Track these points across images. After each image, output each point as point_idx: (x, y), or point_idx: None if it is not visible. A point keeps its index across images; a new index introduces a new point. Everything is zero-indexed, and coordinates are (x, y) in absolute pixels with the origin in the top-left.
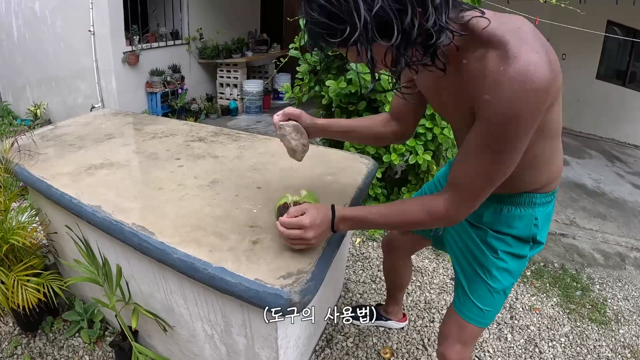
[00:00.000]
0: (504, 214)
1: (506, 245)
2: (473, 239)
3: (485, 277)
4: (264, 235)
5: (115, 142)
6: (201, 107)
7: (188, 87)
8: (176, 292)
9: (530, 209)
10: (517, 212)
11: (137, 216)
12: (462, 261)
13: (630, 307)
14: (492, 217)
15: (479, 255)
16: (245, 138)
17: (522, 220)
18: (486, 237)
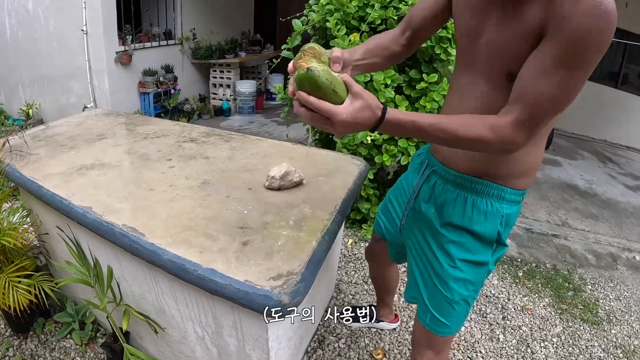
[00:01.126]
0: (468, 206)
1: (465, 251)
2: (430, 246)
3: (443, 290)
4: (254, 236)
5: (107, 142)
6: (194, 108)
7: (181, 87)
8: (167, 294)
9: (497, 204)
10: (483, 205)
11: (127, 217)
12: (422, 270)
13: (622, 307)
14: (454, 208)
15: (436, 265)
16: (237, 139)
17: (487, 216)
18: (444, 242)
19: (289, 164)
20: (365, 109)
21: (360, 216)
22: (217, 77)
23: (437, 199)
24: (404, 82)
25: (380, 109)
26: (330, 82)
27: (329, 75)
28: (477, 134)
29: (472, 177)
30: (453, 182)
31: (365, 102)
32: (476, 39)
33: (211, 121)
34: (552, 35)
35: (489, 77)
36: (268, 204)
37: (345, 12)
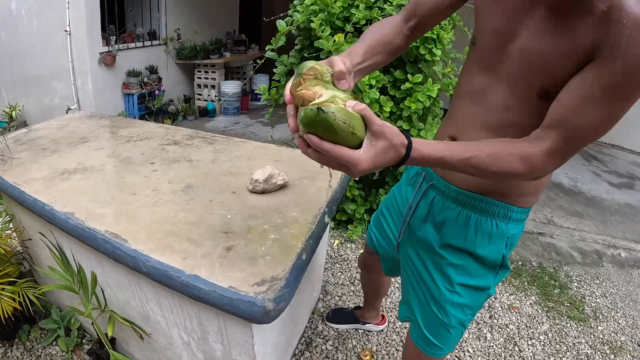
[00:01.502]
0: (471, 226)
1: (465, 275)
2: (427, 268)
3: (439, 314)
4: (238, 241)
5: (90, 145)
6: (179, 109)
7: (165, 88)
8: (151, 300)
9: (503, 224)
10: (488, 226)
11: (110, 222)
12: (418, 292)
13: (609, 303)
14: (455, 228)
15: (433, 288)
16: (220, 141)
17: (492, 238)
18: (442, 265)
19: (272, 166)
20: (389, 150)
21: (346, 217)
22: (202, 78)
23: (435, 216)
24: (388, 82)
25: (404, 146)
26: (347, 124)
27: (345, 116)
28: (510, 167)
29: (476, 195)
30: (454, 199)
31: (388, 142)
32: (504, 42)
33: (196, 122)
34: (605, 61)
35: (516, 89)
36: (252, 208)
37: (329, 13)
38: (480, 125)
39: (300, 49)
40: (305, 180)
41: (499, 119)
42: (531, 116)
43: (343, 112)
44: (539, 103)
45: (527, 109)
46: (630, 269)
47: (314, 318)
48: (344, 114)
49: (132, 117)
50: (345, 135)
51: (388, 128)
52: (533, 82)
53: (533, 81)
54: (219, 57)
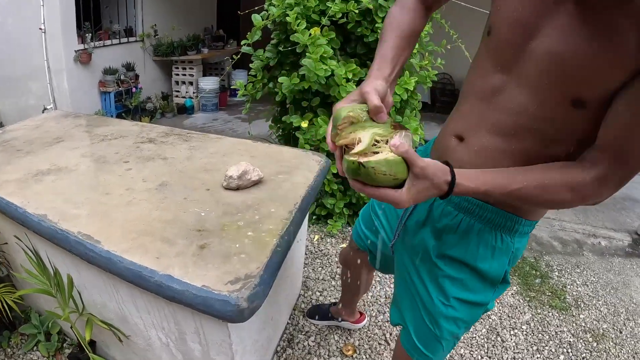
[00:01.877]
0: (473, 237)
1: (463, 289)
2: (421, 277)
3: (431, 326)
4: (212, 239)
5: (64, 145)
6: (156, 106)
7: (143, 85)
8: (128, 301)
9: (508, 238)
10: (492, 239)
11: (83, 223)
12: (410, 300)
13: (590, 292)
14: (455, 238)
15: (426, 299)
16: (196, 138)
17: (495, 252)
18: (438, 275)
19: (247, 162)
20: (430, 188)
21: (325, 212)
22: (180, 75)
23: (435, 222)
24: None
25: (447, 183)
26: (388, 174)
27: (385, 166)
28: (559, 199)
29: (483, 203)
30: (457, 205)
31: (429, 182)
32: (525, 39)
33: (174, 119)
34: None
35: (544, 95)
36: (226, 205)
37: (305, 7)
38: (491, 127)
39: (276, 43)
40: (280, 175)
41: (514, 123)
42: (558, 125)
43: (383, 163)
44: (571, 112)
45: (554, 117)
46: (610, 257)
47: (295, 314)
48: (385, 164)
49: (110, 116)
50: (387, 182)
51: (430, 169)
52: (568, 90)
53: (567, 89)
54: (197, 53)
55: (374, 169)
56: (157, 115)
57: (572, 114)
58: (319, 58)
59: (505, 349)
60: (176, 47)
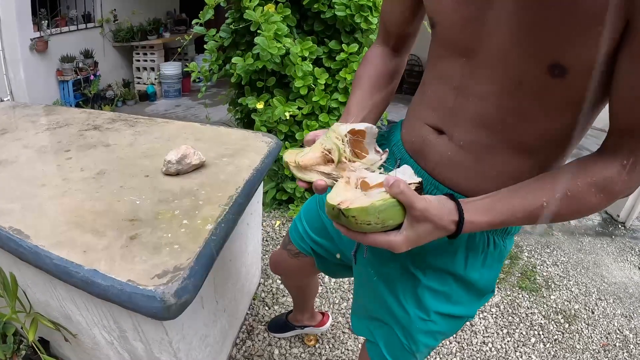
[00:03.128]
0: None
1: (446, 302)
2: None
3: (406, 341)
4: (143, 229)
5: (7, 137)
6: (117, 94)
7: (103, 72)
8: (67, 299)
9: (501, 240)
10: (483, 244)
11: (16, 218)
12: (379, 315)
13: (560, 272)
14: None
15: (400, 315)
16: (143, 123)
17: (487, 259)
18: (417, 287)
19: (188, 145)
20: (434, 231)
21: (286, 196)
22: (141, 60)
23: None
24: (323, 54)
25: (455, 223)
26: (374, 223)
27: (372, 215)
28: (588, 206)
29: None
30: None
31: (433, 225)
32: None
33: (136, 107)
34: None
35: (513, 70)
36: (163, 192)
37: None
38: (474, 119)
39: (230, 22)
40: (225, 159)
41: (496, 111)
42: (542, 100)
43: (368, 212)
44: (551, 82)
45: (540, 95)
46: (580, 237)
47: (255, 304)
48: (370, 212)
49: (68, 106)
50: (375, 230)
51: (432, 211)
52: (541, 56)
53: (541, 56)
54: (158, 38)
55: (355, 219)
56: (118, 103)
57: (555, 85)
58: (273, 36)
59: (475, 333)
60: (136, 31)
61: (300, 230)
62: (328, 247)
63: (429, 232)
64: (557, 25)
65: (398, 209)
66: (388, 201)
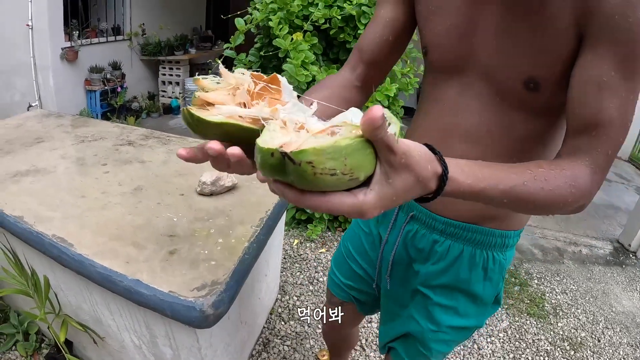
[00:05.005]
0: (464, 261)
1: (455, 316)
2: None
3: (421, 348)
4: (181, 245)
5: (44, 146)
6: (142, 106)
7: (129, 84)
8: (101, 304)
9: (500, 255)
10: (483, 260)
11: (57, 226)
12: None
13: (569, 300)
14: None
15: (415, 328)
16: (175, 141)
17: (488, 273)
18: (428, 304)
19: None
20: (414, 187)
21: (305, 216)
22: (166, 74)
23: (420, 252)
24: None
25: (437, 177)
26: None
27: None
28: (560, 198)
29: (469, 225)
30: (442, 232)
31: (413, 177)
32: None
33: (159, 120)
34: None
35: (498, 85)
36: (198, 210)
37: (288, 11)
38: (465, 135)
39: (259, 47)
40: (255, 182)
41: (483, 124)
42: (519, 113)
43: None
44: (527, 95)
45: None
46: (591, 266)
47: (271, 318)
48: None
49: (94, 115)
50: (339, 185)
51: (415, 157)
52: (517, 74)
53: (517, 73)
54: (184, 54)
55: (313, 166)
56: (143, 115)
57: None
58: (300, 64)
59: (482, 357)
60: (163, 46)
61: (336, 280)
62: (362, 285)
63: (408, 188)
64: (529, 46)
65: (369, 152)
66: (356, 141)
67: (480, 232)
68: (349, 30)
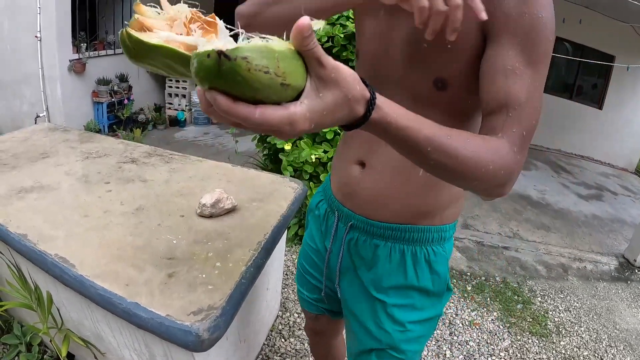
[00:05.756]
0: (408, 260)
1: (414, 311)
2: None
3: (395, 354)
4: (180, 267)
5: (49, 162)
6: (149, 118)
7: (136, 96)
8: (102, 321)
9: (440, 248)
10: (424, 255)
11: (60, 246)
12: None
13: (572, 318)
14: (390, 267)
15: (382, 335)
16: (177, 160)
17: (432, 266)
18: (386, 308)
19: (222, 190)
20: (342, 105)
21: None
22: (173, 87)
23: (363, 259)
24: None
25: (366, 101)
26: (273, 72)
27: (268, 59)
28: (482, 161)
29: (405, 226)
30: (381, 236)
31: (342, 94)
32: (386, 43)
33: (165, 132)
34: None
35: (411, 88)
36: (198, 233)
37: None
38: None
39: None
40: (254, 203)
41: None
42: (434, 111)
43: (263, 52)
44: (437, 95)
45: (429, 105)
46: (595, 282)
47: (272, 335)
48: (266, 55)
49: (101, 126)
50: (272, 90)
51: (344, 73)
52: (427, 75)
53: (427, 74)
54: None
55: (247, 62)
56: (149, 127)
57: (440, 97)
58: None
59: None
60: None
61: (303, 297)
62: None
63: (337, 103)
64: (435, 48)
65: (300, 64)
66: (287, 49)
67: (417, 230)
68: (352, 48)
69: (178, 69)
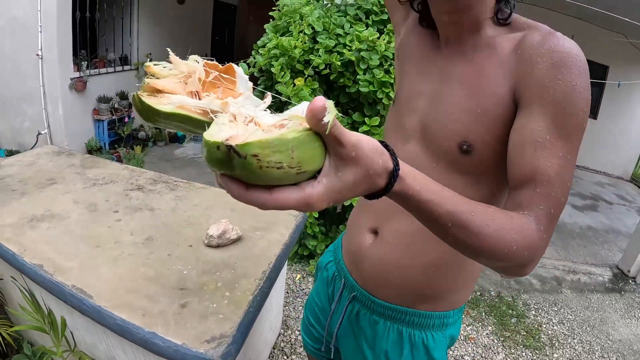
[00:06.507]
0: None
1: None
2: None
3: None
4: (191, 297)
5: (57, 188)
6: (149, 135)
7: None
8: (117, 346)
9: (440, 334)
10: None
11: (76, 277)
12: None
13: (565, 330)
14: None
15: None
16: (182, 187)
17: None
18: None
19: (227, 221)
20: (364, 180)
21: (307, 252)
22: None
23: (362, 330)
24: (347, 125)
25: (387, 173)
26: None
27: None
28: (506, 239)
29: (405, 309)
30: (381, 314)
31: (363, 171)
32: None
33: (166, 149)
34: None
35: (434, 147)
36: (206, 263)
37: (290, 57)
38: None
39: (262, 89)
40: (258, 232)
41: None
42: (457, 174)
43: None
44: (461, 158)
45: (452, 169)
46: (589, 294)
47: (274, 353)
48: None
49: (102, 143)
50: (286, 179)
51: (365, 150)
52: (453, 136)
53: (453, 136)
54: None
55: (258, 160)
56: (149, 143)
57: (464, 161)
58: None
59: None
60: None
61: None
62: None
63: (357, 181)
64: (463, 111)
65: (318, 145)
66: (303, 134)
67: (417, 314)
68: (349, 75)
69: (194, 130)
